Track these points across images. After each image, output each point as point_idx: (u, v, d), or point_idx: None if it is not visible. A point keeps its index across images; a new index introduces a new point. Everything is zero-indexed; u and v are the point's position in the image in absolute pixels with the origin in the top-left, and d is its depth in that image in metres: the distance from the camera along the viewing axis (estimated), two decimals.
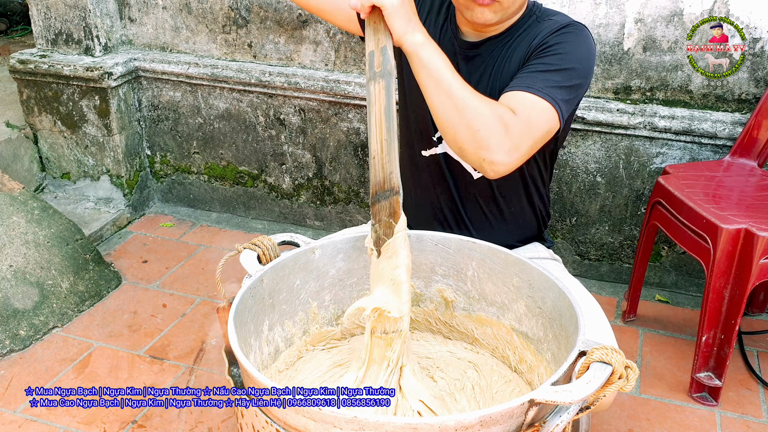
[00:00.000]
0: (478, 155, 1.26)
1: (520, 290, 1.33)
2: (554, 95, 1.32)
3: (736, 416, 1.94)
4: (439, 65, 1.26)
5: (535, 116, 1.30)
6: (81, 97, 2.81)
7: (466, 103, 1.25)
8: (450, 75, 1.26)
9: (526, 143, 1.29)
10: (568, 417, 0.99)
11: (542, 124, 1.31)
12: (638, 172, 2.36)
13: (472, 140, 1.25)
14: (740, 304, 1.85)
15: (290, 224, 2.93)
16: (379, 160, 1.22)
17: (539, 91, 1.32)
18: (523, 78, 1.35)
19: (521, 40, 1.45)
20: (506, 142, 1.25)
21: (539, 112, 1.31)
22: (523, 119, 1.28)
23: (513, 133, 1.26)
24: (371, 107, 1.22)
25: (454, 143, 1.29)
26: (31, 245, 2.34)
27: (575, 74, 1.36)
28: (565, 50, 1.37)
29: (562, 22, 1.43)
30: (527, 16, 1.48)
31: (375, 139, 1.22)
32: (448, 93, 1.25)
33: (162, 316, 2.35)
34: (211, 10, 2.70)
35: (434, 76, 1.25)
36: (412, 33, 1.24)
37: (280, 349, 1.36)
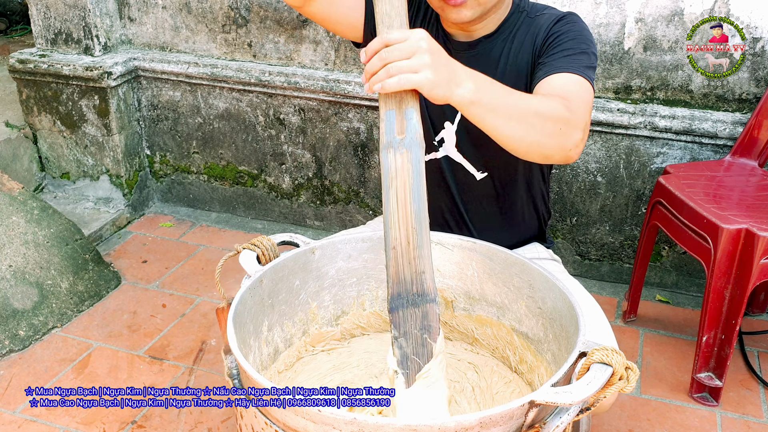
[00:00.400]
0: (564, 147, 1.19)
1: (521, 290, 1.32)
2: (587, 74, 1.31)
3: (736, 416, 1.94)
4: (502, 98, 1.11)
5: (583, 92, 1.27)
6: (80, 97, 2.80)
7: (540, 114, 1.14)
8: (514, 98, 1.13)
9: (588, 117, 1.25)
10: (568, 418, 0.98)
11: (588, 98, 1.28)
12: (639, 171, 2.35)
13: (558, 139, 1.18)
14: (741, 304, 1.85)
15: (290, 224, 2.93)
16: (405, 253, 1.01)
17: (576, 70, 1.30)
18: (553, 63, 1.33)
19: (522, 38, 1.44)
20: (579, 122, 1.19)
21: (582, 88, 1.28)
22: (576, 97, 1.24)
23: (578, 112, 1.20)
24: (390, 182, 1.01)
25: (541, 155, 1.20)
26: (30, 245, 2.34)
27: (593, 56, 1.38)
28: (576, 35, 1.38)
29: (557, 14, 1.44)
30: (516, 12, 1.47)
31: (398, 226, 1.01)
32: (521, 118, 1.12)
33: (161, 316, 2.35)
34: (210, 9, 2.69)
35: (502, 111, 1.10)
36: (458, 87, 1.04)
37: (280, 350, 1.36)
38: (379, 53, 1.01)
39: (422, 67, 1.00)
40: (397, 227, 1.02)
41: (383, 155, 1.03)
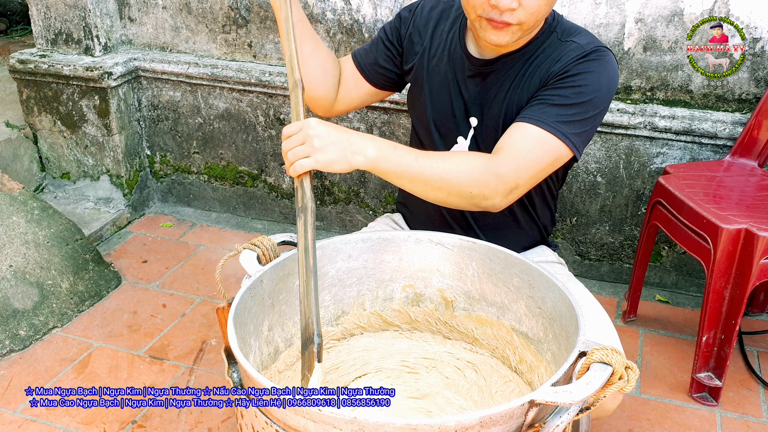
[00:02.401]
0: (478, 206, 1.32)
1: (521, 290, 1.33)
2: (564, 130, 1.32)
3: (736, 416, 1.94)
4: (402, 164, 1.24)
5: (535, 151, 1.31)
6: (81, 97, 2.80)
7: (446, 179, 1.26)
8: (415, 164, 1.24)
9: (524, 178, 1.32)
10: (568, 418, 0.98)
11: (543, 157, 1.32)
12: (638, 172, 2.36)
13: (468, 201, 1.30)
14: (740, 304, 1.85)
15: (290, 224, 2.93)
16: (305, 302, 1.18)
17: (548, 125, 1.31)
18: (535, 109, 1.34)
19: (541, 61, 1.39)
20: (500, 187, 1.29)
21: (542, 146, 1.32)
22: (515, 157, 1.30)
23: (506, 176, 1.29)
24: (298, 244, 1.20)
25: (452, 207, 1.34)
26: (30, 245, 2.34)
27: (591, 105, 1.34)
28: (585, 82, 1.33)
29: (586, 47, 1.36)
30: (546, 31, 1.42)
31: (300, 280, 1.18)
32: (424, 181, 1.26)
33: (162, 316, 2.35)
34: (211, 9, 2.70)
35: (403, 174, 1.25)
36: (359, 156, 1.21)
37: (280, 350, 1.36)
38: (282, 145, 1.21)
39: (312, 152, 1.18)
40: (300, 281, 1.18)
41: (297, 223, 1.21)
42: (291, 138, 1.20)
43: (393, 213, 1.79)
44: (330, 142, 1.19)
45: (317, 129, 1.19)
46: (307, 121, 1.21)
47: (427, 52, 1.53)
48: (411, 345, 1.46)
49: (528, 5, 1.28)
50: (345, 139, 1.21)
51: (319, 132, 1.19)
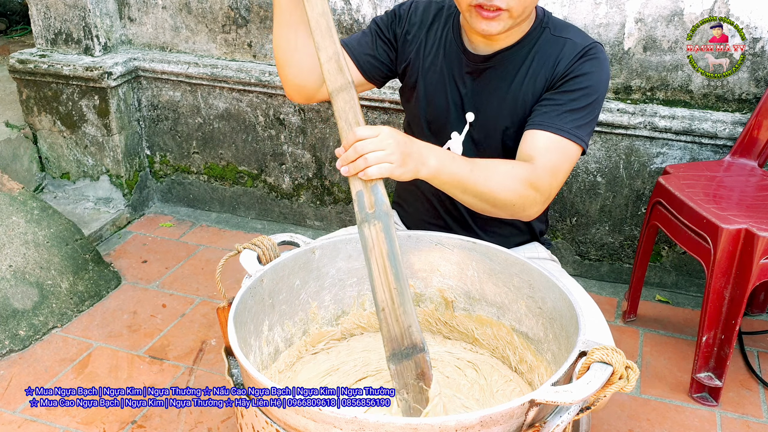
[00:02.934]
0: (517, 216, 1.37)
1: (521, 290, 1.33)
2: (580, 134, 1.39)
3: (736, 416, 1.94)
4: (460, 174, 1.25)
5: (563, 162, 1.38)
6: (80, 97, 2.80)
7: (494, 192, 1.29)
8: (472, 175, 1.26)
9: (555, 187, 1.38)
10: (568, 417, 0.98)
11: (567, 166, 1.40)
12: (638, 172, 2.36)
13: (509, 212, 1.35)
14: (740, 305, 1.85)
15: (290, 224, 2.93)
16: (392, 312, 1.13)
17: (568, 132, 1.38)
18: (551, 115, 1.39)
19: (541, 58, 1.44)
20: (538, 198, 1.35)
21: (567, 155, 1.38)
22: (548, 171, 1.36)
23: (542, 188, 1.34)
24: (369, 252, 1.15)
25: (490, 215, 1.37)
26: (30, 245, 2.34)
27: (596, 105, 1.42)
28: (590, 83, 1.40)
29: (582, 44, 1.42)
30: (539, 27, 1.46)
31: (382, 289, 1.14)
32: (475, 193, 1.28)
33: (162, 316, 2.35)
34: (210, 9, 2.70)
35: (459, 185, 1.27)
36: (423, 166, 1.21)
37: (280, 350, 1.36)
38: (354, 146, 1.15)
39: (391, 159, 1.15)
40: (381, 291, 1.14)
41: (360, 230, 1.16)
42: (369, 141, 1.15)
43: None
44: (408, 153, 1.18)
45: (396, 137, 1.17)
46: (383, 128, 1.18)
47: (423, 51, 1.55)
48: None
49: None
50: (416, 149, 1.21)
51: (399, 140, 1.17)
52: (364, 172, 1.15)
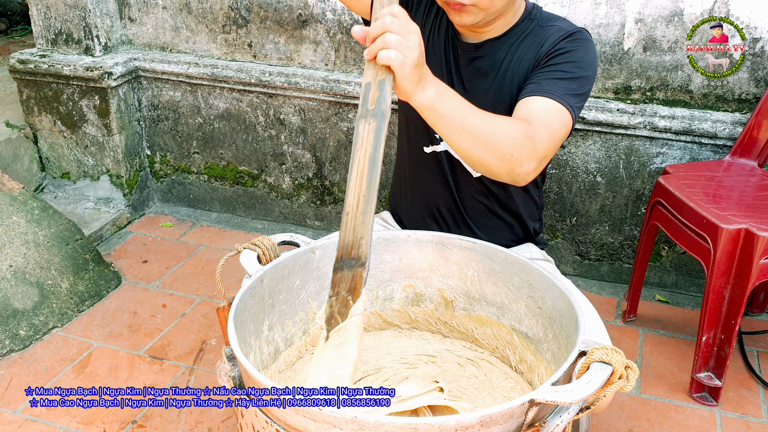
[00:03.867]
0: (513, 173, 1.27)
1: (520, 290, 1.33)
2: (570, 102, 1.36)
3: (736, 416, 1.94)
4: (458, 111, 1.17)
5: (555, 123, 1.34)
6: (81, 97, 2.81)
7: (493, 135, 1.21)
8: (471, 115, 1.18)
9: (550, 149, 1.33)
10: (568, 417, 0.99)
11: (561, 129, 1.36)
12: (638, 172, 2.36)
13: (507, 164, 1.25)
14: (740, 304, 1.85)
15: (290, 224, 2.93)
16: (353, 219, 1.06)
17: (559, 97, 1.35)
18: (541, 83, 1.37)
19: (528, 46, 1.45)
20: (535, 153, 1.27)
21: (558, 118, 1.35)
22: (545, 128, 1.32)
23: (539, 143, 1.29)
24: (356, 150, 1.08)
25: (488, 172, 1.27)
26: (30, 245, 2.34)
27: (586, 82, 1.41)
28: (578, 58, 1.40)
29: (567, 29, 1.44)
30: (527, 19, 1.48)
31: (353, 192, 1.07)
32: (473, 134, 1.19)
33: (162, 316, 2.35)
34: (211, 10, 2.70)
35: (456, 124, 1.17)
36: (423, 90, 1.12)
37: (280, 350, 1.36)
38: (382, 19, 1.06)
39: (404, 50, 1.05)
40: (352, 194, 1.07)
41: (356, 124, 1.08)
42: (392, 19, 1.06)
43: (381, 212, 1.80)
44: (420, 63, 1.09)
45: (417, 32, 1.08)
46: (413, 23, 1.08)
47: (426, 32, 1.55)
48: (410, 343, 1.46)
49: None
50: (426, 68, 1.12)
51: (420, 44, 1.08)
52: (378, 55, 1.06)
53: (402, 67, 1.06)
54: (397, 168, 1.72)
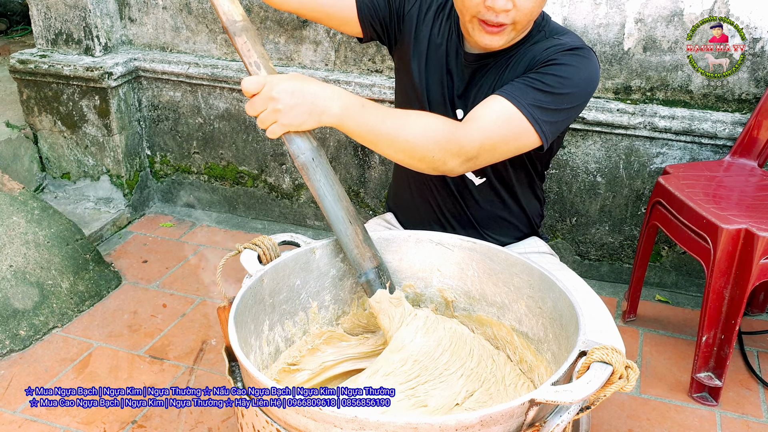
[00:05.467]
0: (437, 170, 1.30)
1: (521, 290, 1.33)
2: (536, 114, 1.31)
3: (736, 416, 1.94)
4: (368, 124, 1.21)
5: (502, 126, 1.30)
6: (81, 97, 2.81)
7: (409, 141, 1.24)
8: (383, 126, 1.22)
9: (486, 150, 1.30)
10: (568, 417, 0.99)
11: (508, 134, 1.31)
12: (638, 172, 2.36)
13: (429, 165, 1.28)
14: (740, 304, 1.85)
15: (290, 224, 2.93)
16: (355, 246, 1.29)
17: (522, 105, 1.30)
18: (514, 86, 1.33)
19: (527, 52, 1.42)
20: (461, 153, 1.27)
21: (510, 123, 1.30)
22: (479, 128, 1.28)
23: (466, 144, 1.27)
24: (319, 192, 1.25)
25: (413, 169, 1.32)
26: (31, 245, 2.34)
27: (568, 99, 1.34)
28: (567, 74, 1.33)
29: (572, 44, 1.38)
30: (536, 30, 1.44)
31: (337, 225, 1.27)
32: (389, 143, 1.24)
33: (162, 316, 2.35)
34: (211, 10, 2.70)
35: (367, 136, 1.22)
36: (323, 117, 1.17)
37: (281, 349, 1.36)
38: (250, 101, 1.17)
39: (278, 117, 1.15)
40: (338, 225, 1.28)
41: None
42: (253, 101, 1.16)
43: (385, 213, 1.80)
44: (294, 104, 1.15)
45: (278, 89, 1.14)
46: (269, 79, 1.16)
47: (425, 41, 1.52)
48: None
49: (522, 6, 1.29)
50: (310, 98, 1.16)
51: (281, 94, 1.14)
52: (267, 132, 1.17)
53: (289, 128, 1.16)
54: (400, 173, 1.71)
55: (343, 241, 1.25)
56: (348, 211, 1.23)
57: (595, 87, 1.39)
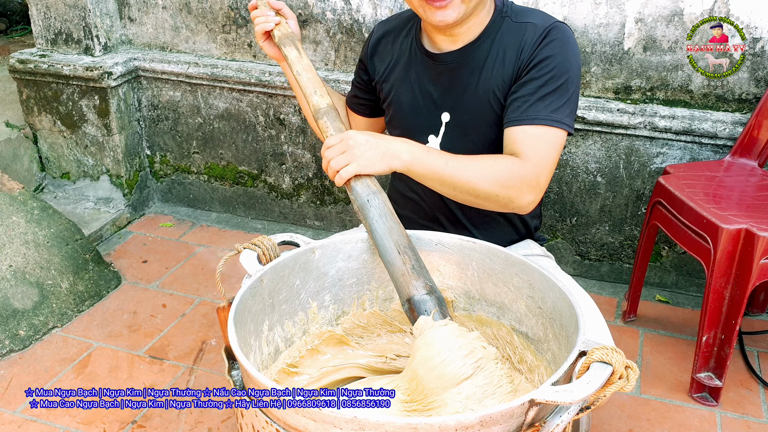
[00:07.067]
0: (507, 207, 1.39)
1: (521, 290, 1.33)
2: (559, 118, 1.39)
3: (736, 416, 1.94)
4: (433, 167, 1.31)
5: (546, 149, 1.38)
6: (81, 97, 2.80)
7: (472, 184, 1.33)
8: (446, 168, 1.31)
9: (545, 177, 1.39)
10: (568, 417, 0.99)
11: (554, 152, 1.40)
12: (638, 172, 2.36)
13: (497, 204, 1.37)
14: (741, 304, 1.85)
15: (290, 224, 2.93)
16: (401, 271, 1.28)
17: (544, 120, 1.38)
18: (524, 108, 1.40)
19: (506, 47, 1.45)
20: (525, 188, 1.36)
21: (549, 142, 1.39)
22: (534, 159, 1.37)
23: (529, 178, 1.35)
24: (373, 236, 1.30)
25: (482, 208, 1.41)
26: (30, 245, 2.34)
27: (570, 83, 1.41)
28: (556, 63, 1.40)
29: (543, 24, 1.43)
30: (498, 17, 1.47)
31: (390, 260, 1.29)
32: (453, 185, 1.33)
33: (162, 316, 2.35)
34: (210, 9, 2.70)
35: (434, 179, 1.32)
36: (392, 163, 1.29)
37: (280, 350, 1.36)
38: (324, 155, 1.31)
39: (351, 159, 1.27)
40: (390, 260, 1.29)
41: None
42: (332, 148, 1.29)
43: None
44: (369, 148, 1.28)
45: (357, 138, 1.29)
46: (347, 132, 1.30)
47: (390, 68, 1.60)
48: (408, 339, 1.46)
49: None
50: (383, 144, 1.29)
51: (359, 140, 1.28)
52: (338, 177, 1.28)
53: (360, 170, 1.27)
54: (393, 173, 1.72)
55: (389, 270, 1.27)
56: (398, 244, 1.27)
57: (580, 56, 1.49)
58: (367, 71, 1.68)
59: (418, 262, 1.26)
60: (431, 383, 1.14)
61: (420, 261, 1.27)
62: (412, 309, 1.22)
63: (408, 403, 1.16)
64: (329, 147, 1.30)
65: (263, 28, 1.57)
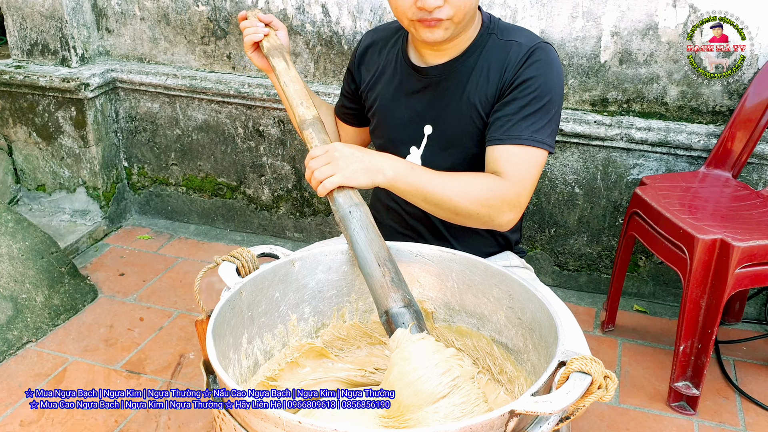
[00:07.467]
0: (488, 226, 1.41)
1: (500, 301, 1.33)
2: (540, 138, 1.41)
3: (713, 425, 1.96)
4: (416, 184, 1.33)
5: (527, 169, 1.41)
6: (57, 109, 2.78)
7: (454, 201, 1.34)
8: (428, 185, 1.33)
9: (525, 196, 1.41)
10: (548, 427, 0.99)
11: (534, 172, 1.42)
12: (616, 183, 2.38)
13: (477, 222, 1.39)
14: (717, 314, 1.87)
15: (270, 236, 2.92)
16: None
17: (526, 140, 1.40)
18: (507, 127, 1.42)
19: (490, 64, 1.46)
20: (506, 207, 1.38)
21: (530, 162, 1.41)
22: (516, 179, 1.39)
23: (509, 197, 1.37)
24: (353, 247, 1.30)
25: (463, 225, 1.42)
26: (4, 258, 2.30)
27: (552, 104, 1.43)
28: (539, 83, 1.42)
29: (527, 44, 1.44)
30: (485, 33, 1.49)
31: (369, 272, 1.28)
32: (435, 202, 1.35)
33: (139, 329, 2.32)
34: (189, 21, 2.69)
35: (416, 195, 1.34)
36: (375, 178, 1.30)
37: (260, 363, 1.35)
38: (308, 165, 1.32)
39: (335, 170, 1.28)
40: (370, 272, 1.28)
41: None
42: (316, 159, 1.30)
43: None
44: (354, 161, 1.29)
45: (342, 150, 1.30)
46: (332, 144, 1.32)
47: (375, 77, 1.62)
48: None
49: (453, 0, 1.36)
50: (368, 159, 1.31)
51: (344, 153, 1.29)
52: (321, 187, 1.29)
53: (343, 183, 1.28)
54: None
55: (368, 281, 1.27)
56: (378, 256, 1.27)
57: (563, 77, 1.50)
58: (354, 80, 1.69)
59: (397, 275, 1.26)
60: (407, 399, 1.13)
61: (399, 274, 1.27)
62: (389, 321, 1.22)
63: (386, 418, 1.16)
64: (314, 157, 1.31)
65: (252, 39, 1.57)
